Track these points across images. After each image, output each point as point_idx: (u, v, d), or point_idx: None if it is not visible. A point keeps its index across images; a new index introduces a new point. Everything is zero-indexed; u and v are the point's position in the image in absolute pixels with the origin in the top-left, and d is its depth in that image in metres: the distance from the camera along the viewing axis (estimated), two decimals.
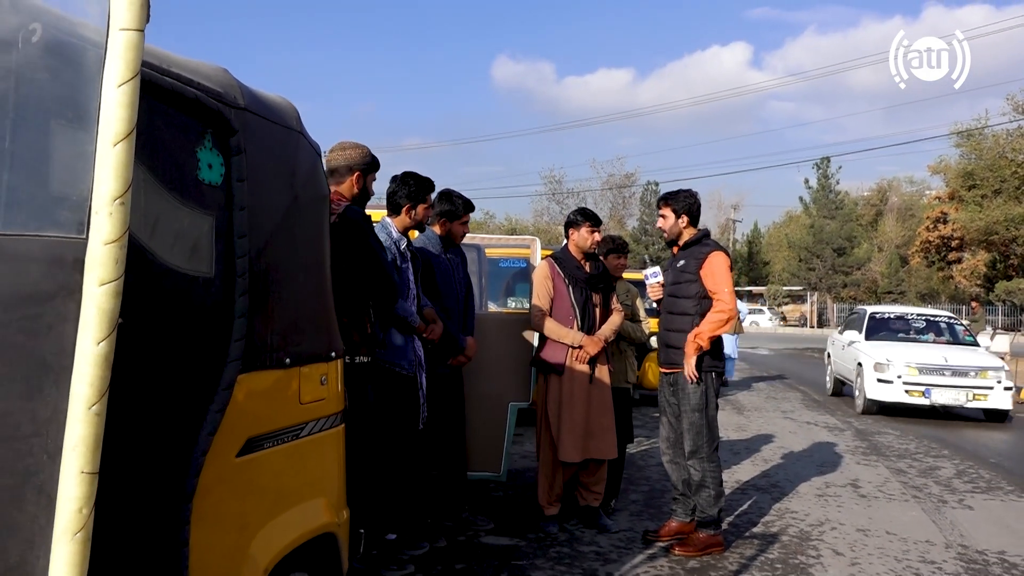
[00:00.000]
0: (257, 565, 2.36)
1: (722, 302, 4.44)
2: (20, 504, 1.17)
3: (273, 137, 2.47)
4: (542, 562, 4.24)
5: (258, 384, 2.31)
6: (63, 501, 1.18)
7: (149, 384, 1.74)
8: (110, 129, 1.22)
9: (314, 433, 2.65)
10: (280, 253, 2.45)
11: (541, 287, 4.85)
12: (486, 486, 5.62)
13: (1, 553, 1.16)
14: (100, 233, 1.21)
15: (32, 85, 1.33)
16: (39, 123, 1.35)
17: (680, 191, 4.78)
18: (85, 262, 1.20)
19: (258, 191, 2.32)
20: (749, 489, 6.14)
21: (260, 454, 2.36)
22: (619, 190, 54.28)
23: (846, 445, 8.28)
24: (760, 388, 13.91)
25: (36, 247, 1.21)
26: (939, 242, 40.62)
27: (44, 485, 1.18)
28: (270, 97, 2.55)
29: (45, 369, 1.19)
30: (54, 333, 1.19)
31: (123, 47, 1.23)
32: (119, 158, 1.22)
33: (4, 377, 1.18)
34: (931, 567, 4.39)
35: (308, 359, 2.60)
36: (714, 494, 4.52)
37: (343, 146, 3.50)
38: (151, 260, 1.75)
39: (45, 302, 1.19)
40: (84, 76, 1.24)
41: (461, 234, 4.56)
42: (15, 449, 1.17)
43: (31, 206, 1.30)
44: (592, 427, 4.74)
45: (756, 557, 4.47)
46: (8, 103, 1.30)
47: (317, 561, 2.70)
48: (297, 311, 2.57)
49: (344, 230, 3.14)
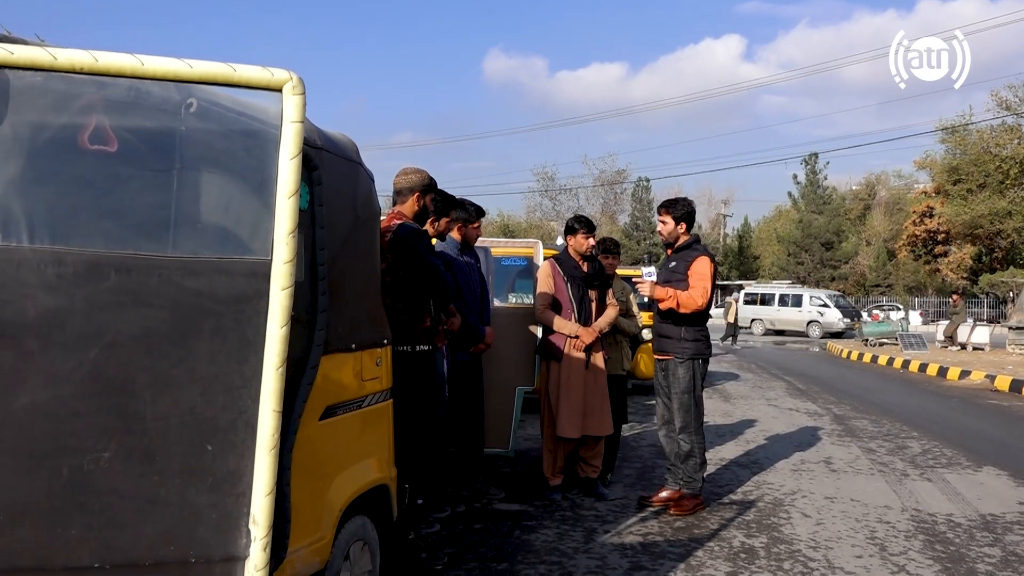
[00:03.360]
0: (333, 507, 3.01)
1: (694, 298, 5.09)
2: (235, 431, 1.82)
3: (340, 169, 3.10)
4: (548, 523, 4.90)
5: (334, 365, 2.95)
6: (261, 429, 1.83)
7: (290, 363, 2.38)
8: (284, 188, 1.86)
9: (372, 405, 3.30)
10: (346, 261, 3.08)
11: (544, 284, 5.52)
12: (495, 462, 6.28)
13: (224, 462, 1.81)
14: (280, 256, 1.85)
15: (236, 159, 1.97)
16: (239, 185, 1.99)
17: (679, 200, 5.47)
18: (271, 275, 1.85)
19: (331, 213, 2.95)
20: (731, 466, 6.81)
21: (335, 419, 3.00)
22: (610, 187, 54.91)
23: (823, 429, 8.96)
24: (747, 378, 14.59)
25: (242, 266, 1.85)
26: (925, 236, 41.40)
27: (250, 419, 1.82)
28: (337, 136, 3.18)
29: (248, 344, 1.83)
30: (253, 321, 1.83)
31: (292, 134, 1.87)
32: (290, 207, 1.87)
33: (223, 349, 1.82)
34: (886, 526, 5.06)
35: (367, 345, 3.25)
36: (700, 462, 5.22)
37: (406, 171, 4.17)
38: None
39: (248, 301, 1.83)
40: (267, 152, 1.88)
41: (475, 237, 5.22)
42: (231, 396, 1.81)
43: (237, 239, 1.94)
44: (589, 407, 5.40)
45: (734, 519, 5.14)
46: (224, 173, 1.94)
47: (374, 507, 3.35)
48: (359, 307, 3.21)
49: (398, 246, 3.83)
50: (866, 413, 10.24)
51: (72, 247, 1.75)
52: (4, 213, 1.73)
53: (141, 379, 1.77)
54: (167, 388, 1.78)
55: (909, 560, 4.40)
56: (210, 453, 1.81)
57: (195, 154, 1.97)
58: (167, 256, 1.83)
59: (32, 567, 1.72)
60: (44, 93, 1.81)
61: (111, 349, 1.76)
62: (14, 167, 1.78)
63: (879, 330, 23.84)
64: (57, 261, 1.73)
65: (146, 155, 1.92)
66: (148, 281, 1.79)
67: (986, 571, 4.25)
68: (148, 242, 1.85)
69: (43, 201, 1.78)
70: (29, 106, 1.79)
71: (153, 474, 1.78)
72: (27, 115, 1.79)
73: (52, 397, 1.72)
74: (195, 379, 1.80)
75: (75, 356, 1.73)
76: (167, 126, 1.91)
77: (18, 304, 1.71)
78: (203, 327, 1.81)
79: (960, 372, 14.72)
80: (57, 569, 1.73)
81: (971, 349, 20.94)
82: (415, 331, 3.97)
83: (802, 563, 4.31)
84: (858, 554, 4.48)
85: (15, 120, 1.77)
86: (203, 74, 1.85)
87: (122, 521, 1.76)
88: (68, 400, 1.73)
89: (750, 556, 4.40)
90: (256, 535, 1.82)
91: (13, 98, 1.76)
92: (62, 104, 1.82)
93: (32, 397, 1.71)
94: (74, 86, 1.82)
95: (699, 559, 4.33)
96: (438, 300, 4.10)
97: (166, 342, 1.79)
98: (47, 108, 1.82)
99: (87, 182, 1.86)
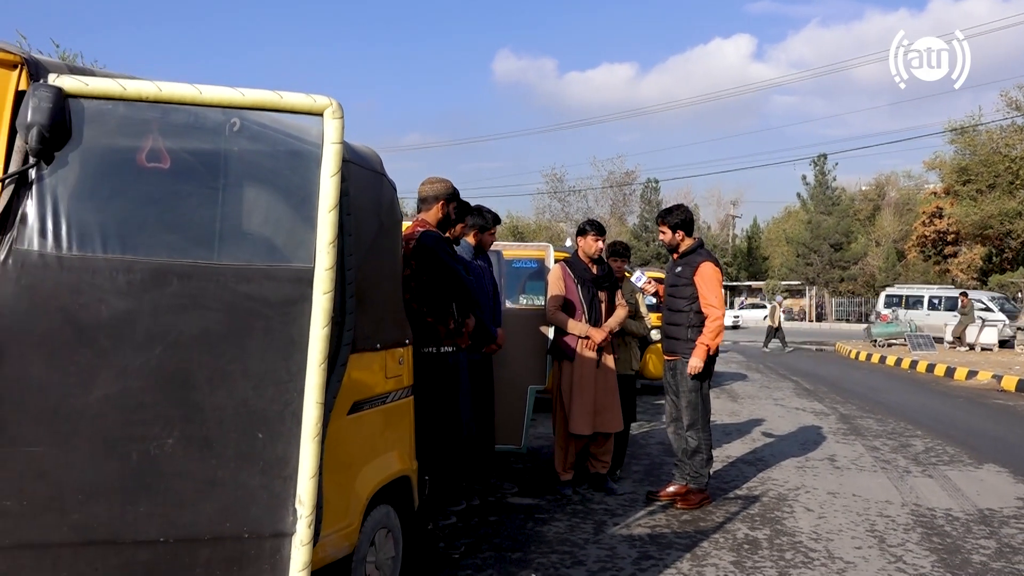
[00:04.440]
0: (360, 497, 3.23)
1: (713, 309, 5.31)
2: (283, 421, 2.03)
3: (366, 180, 3.32)
4: (560, 515, 5.11)
5: (361, 362, 3.17)
6: (306, 419, 2.04)
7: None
8: (325, 203, 2.08)
9: (395, 400, 3.52)
10: (372, 266, 3.29)
11: (555, 286, 5.73)
12: (509, 459, 6.49)
13: (273, 448, 2.02)
14: (322, 263, 2.07)
15: (282, 177, 2.18)
16: (285, 199, 2.20)
17: (673, 208, 5.68)
18: (314, 281, 2.06)
19: (358, 221, 3.16)
20: (737, 463, 7.00)
21: (361, 414, 3.22)
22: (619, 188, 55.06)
23: (829, 427, 9.14)
24: (755, 379, 14.76)
25: (288, 272, 2.07)
26: (935, 236, 41.41)
27: (296, 410, 2.04)
28: (362, 148, 3.40)
29: (294, 342, 2.05)
30: (298, 321, 2.05)
31: (332, 154, 2.09)
32: (331, 220, 2.08)
33: (272, 347, 2.03)
34: (885, 519, 5.25)
35: (391, 345, 3.47)
36: (706, 458, 5.42)
37: (431, 180, 4.40)
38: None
39: (293, 304, 2.05)
40: (309, 170, 2.10)
41: (489, 243, 5.44)
42: (279, 389, 2.03)
43: (284, 249, 2.16)
44: (599, 405, 5.60)
45: (739, 513, 5.33)
46: (271, 189, 2.16)
47: (397, 497, 3.56)
48: (383, 308, 3.43)
49: (422, 252, 4.06)
50: (872, 412, 10.41)
51: (140, 256, 1.97)
52: (80, 227, 1.94)
53: (200, 374, 1.99)
54: (223, 382, 2.00)
55: (906, 551, 4.58)
56: (260, 440, 2.02)
57: (246, 172, 2.20)
58: (222, 264, 2.05)
59: (106, 540, 1.93)
60: (114, 119, 2.02)
61: (174, 347, 1.97)
62: (88, 185, 2.00)
63: (887, 331, 23.91)
64: (127, 269, 1.95)
65: (203, 174, 2.14)
66: (206, 286, 2.01)
67: (980, 561, 4.43)
68: (205, 251, 2.07)
69: (114, 215, 2.00)
70: (101, 130, 2.01)
71: (211, 459, 2.00)
72: (99, 139, 2.01)
73: (123, 390, 1.94)
74: (247, 374, 2.02)
75: (143, 353, 1.95)
76: (221, 148, 2.13)
77: (94, 307, 1.93)
78: (254, 327, 2.03)
79: (967, 372, 14.85)
80: (127, 542, 1.95)
81: (979, 350, 21.02)
82: (439, 333, 4.19)
83: (803, 553, 4.50)
84: (857, 545, 4.67)
85: (89, 143, 1.99)
86: (254, 101, 2.07)
87: (184, 500, 1.98)
88: (137, 392, 1.95)
89: (753, 547, 4.59)
90: (302, 513, 2.04)
91: (87, 124, 1.98)
92: (129, 128, 2.04)
93: (106, 390, 1.92)
94: (140, 112, 2.04)
95: (704, 549, 4.53)
96: (460, 303, 4.31)
97: (222, 341, 2.01)
98: (116, 132, 2.04)
99: (152, 198, 2.08)
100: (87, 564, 1.93)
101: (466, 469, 5.10)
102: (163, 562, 1.97)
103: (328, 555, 2.92)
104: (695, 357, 5.33)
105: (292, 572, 2.04)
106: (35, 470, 1.89)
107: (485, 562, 4.22)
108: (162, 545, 1.97)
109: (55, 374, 1.91)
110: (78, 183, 1.98)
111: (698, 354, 5.33)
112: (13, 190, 1.93)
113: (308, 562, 2.05)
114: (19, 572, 1.89)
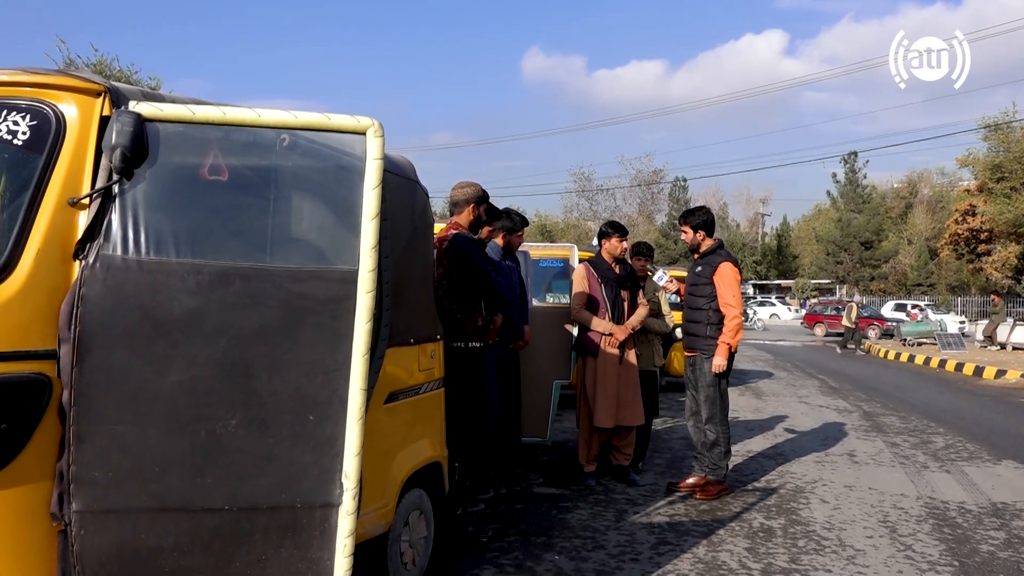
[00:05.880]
0: (395, 481, 3.50)
1: (731, 308, 5.52)
2: (331, 405, 2.30)
3: (401, 187, 3.58)
4: (583, 504, 5.36)
5: (396, 356, 3.43)
6: (351, 403, 2.31)
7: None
8: (368, 212, 2.35)
9: (427, 392, 3.79)
10: (406, 267, 3.56)
11: (579, 286, 5.97)
12: (535, 451, 6.75)
13: (323, 429, 2.29)
14: (365, 266, 2.33)
15: (330, 189, 2.46)
16: (333, 208, 2.48)
17: (696, 209, 5.91)
18: (358, 281, 2.33)
19: (394, 225, 3.43)
20: (758, 457, 7.19)
21: (397, 403, 3.49)
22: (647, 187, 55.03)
23: (851, 424, 9.27)
24: (781, 377, 14.86)
25: (336, 273, 2.34)
26: (968, 235, 40.87)
27: (342, 395, 2.30)
28: (397, 158, 3.67)
29: (340, 335, 2.31)
30: (344, 317, 2.32)
31: (374, 169, 2.35)
32: (372, 227, 2.35)
33: (321, 340, 2.30)
34: (899, 511, 5.42)
35: (423, 340, 3.74)
36: (724, 451, 5.63)
37: (462, 185, 4.68)
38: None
39: (340, 301, 2.32)
40: (354, 183, 2.37)
41: (517, 244, 5.70)
42: (327, 377, 2.30)
43: (331, 253, 2.43)
44: (621, 399, 5.84)
45: (756, 504, 5.54)
46: (321, 200, 2.44)
47: (429, 482, 3.83)
48: (416, 306, 3.69)
49: (453, 254, 4.34)
50: (895, 410, 10.51)
51: (207, 260, 2.25)
52: (156, 235, 2.23)
53: (259, 363, 2.27)
54: (278, 370, 2.28)
55: (916, 540, 4.76)
56: (311, 422, 2.29)
57: (298, 185, 2.48)
58: (278, 266, 2.32)
59: (178, 507, 2.22)
60: (184, 139, 2.31)
61: (236, 340, 2.25)
62: (163, 198, 2.28)
63: (917, 330, 23.81)
64: (196, 271, 2.23)
65: (260, 186, 2.42)
66: (264, 286, 2.28)
67: (988, 551, 4.60)
68: (263, 255, 2.35)
69: (184, 224, 2.28)
70: (173, 149, 2.29)
71: (268, 438, 2.27)
72: (171, 157, 2.29)
73: (193, 377, 2.22)
74: (300, 363, 2.29)
75: (209, 345, 2.23)
76: (276, 163, 2.41)
77: (168, 305, 2.21)
78: (305, 322, 2.30)
79: (996, 371, 14.84)
80: (196, 509, 2.23)
81: (1011, 349, 20.86)
82: (467, 329, 4.46)
83: (815, 541, 4.70)
84: (869, 535, 4.86)
85: (163, 161, 2.27)
86: (306, 122, 2.34)
87: (245, 474, 2.26)
88: (204, 379, 2.23)
89: (767, 535, 4.80)
90: (347, 487, 2.31)
91: (162, 144, 2.27)
92: (196, 147, 2.32)
93: (178, 376, 2.20)
94: (205, 133, 2.32)
95: (720, 536, 4.75)
96: (488, 302, 4.58)
97: (277, 334, 2.29)
98: (186, 151, 2.32)
99: (217, 209, 2.36)
100: (162, 527, 2.21)
101: (493, 458, 5.37)
102: (227, 527, 2.25)
103: (367, 531, 3.20)
104: (718, 356, 5.54)
105: (339, 538, 2.31)
106: (118, 445, 2.18)
107: (511, 545, 4.48)
108: (226, 512, 2.25)
109: (135, 362, 2.19)
110: (154, 196, 2.26)
111: (720, 352, 5.54)
112: (100, 203, 2.22)
113: (353, 530, 2.31)
114: (106, 533, 2.18)
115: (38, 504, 2.15)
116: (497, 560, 4.22)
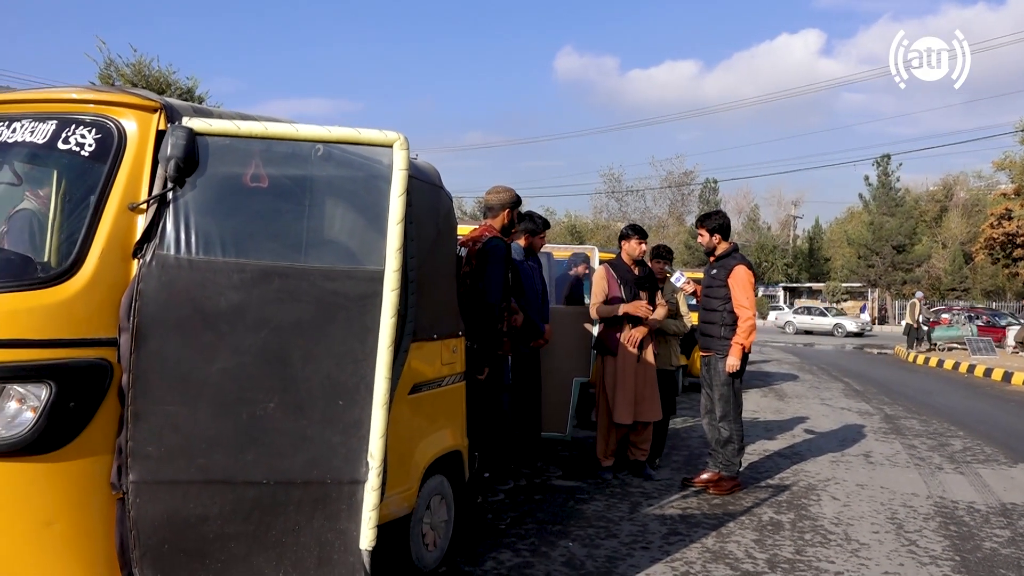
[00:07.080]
0: (418, 466, 3.75)
1: (745, 310, 5.71)
2: (359, 391, 2.56)
3: (426, 192, 3.83)
4: (600, 497, 5.57)
5: (420, 350, 3.68)
6: (376, 390, 2.56)
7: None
8: (394, 216, 2.60)
9: (448, 385, 4.04)
10: (430, 267, 3.80)
11: (598, 286, 6.19)
12: (554, 446, 6.98)
13: (351, 413, 2.55)
14: (391, 266, 2.59)
15: (359, 196, 2.72)
16: (362, 214, 2.74)
17: (712, 213, 6.11)
18: (384, 279, 2.58)
19: (419, 228, 3.68)
20: (773, 456, 7.35)
21: (420, 395, 3.74)
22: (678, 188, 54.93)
23: (871, 426, 9.37)
24: (805, 379, 14.91)
25: (364, 273, 2.60)
26: (1004, 239, 40.29)
27: (369, 383, 2.56)
28: (423, 164, 3.92)
29: (367, 329, 2.57)
30: (372, 312, 2.57)
31: (400, 178, 2.60)
32: (398, 231, 2.60)
33: (350, 332, 2.56)
34: (907, 509, 5.57)
35: (446, 335, 3.98)
36: (737, 448, 5.82)
37: (497, 190, 4.93)
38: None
39: (369, 297, 2.57)
40: (382, 191, 2.62)
41: (540, 246, 5.93)
42: (356, 366, 2.56)
43: (362, 254, 2.69)
44: (640, 396, 6.05)
45: (767, 499, 5.72)
46: (352, 206, 2.70)
47: (450, 469, 4.08)
48: (439, 303, 3.94)
49: (483, 256, 4.58)
50: (917, 413, 10.57)
51: (250, 260, 2.52)
52: (205, 236, 2.50)
53: (295, 353, 2.53)
54: (312, 359, 2.54)
55: (921, 536, 4.92)
56: (341, 406, 2.55)
57: (331, 192, 2.74)
58: (312, 266, 2.59)
59: (223, 480, 2.49)
60: (230, 151, 2.58)
61: (275, 331, 2.52)
62: (211, 204, 2.56)
63: (948, 334, 23.59)
64: (240, 269, 2.50)
65: (297, 193, 2.69)
66: (300, 284, 2.55)
67: (991, 547, 4.74)
68: (299, 256, 2.62)
69: (230, 227, 2.55)
70: (220, 160, 2.56)
71: (302, 419, 2.53)
72: (218, 167, 2.56)
73: (236, 364, 2.48)
74: (331, 353, 2.55)
75: (251, 336, 2.50)
76: (312, 172, 2.67)
77: (215, 299, 2.48)
78: (337, 316, 2.56)
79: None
80: (239, 482, 2.50)
81: None
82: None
83: (822, 535, 4.87)
84: (875, 530, 5.02)
85: (211, 171, 2.54)
86: (339, 136, 2.60)
87: (282, 452, 2.52)
88: (246, 367, 2.49)
89: (776, 528, 4.99)
90: (372, 465, 2.56)
91: (211, 155, 2.54)
92: (241, 158, 2.59)
93: (223, 364, 2.48)
94: (249, 145, 2.59)
95: (729, 529, 4.94)
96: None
97: (312, 327, 2.55)
98: (232, 161, 2.59)
99: (259, 214, 2.63)
100: (208, 497, 2.48)
101: (512, 450, 5.61)
102: (265, 499, 2.52)
103: (391, 512, 3.45)
104: (732, 356, 5.72)
105: (364, 511, 2.56)
106: (170, 424, 2.45)
107: (528, 532, 4.71)
108: (265, 486, 2.51)
109: (186, 350, 2.47)
110: (203, 202, 2.53)
111: (734, 353, 5.73)
112: (156, 208, 2.50)
113: (377, 504, 2.56)
114: (158, 502, 2.45)
115: (100, 475, 2.43)
116: (514, 545, 4.46)
